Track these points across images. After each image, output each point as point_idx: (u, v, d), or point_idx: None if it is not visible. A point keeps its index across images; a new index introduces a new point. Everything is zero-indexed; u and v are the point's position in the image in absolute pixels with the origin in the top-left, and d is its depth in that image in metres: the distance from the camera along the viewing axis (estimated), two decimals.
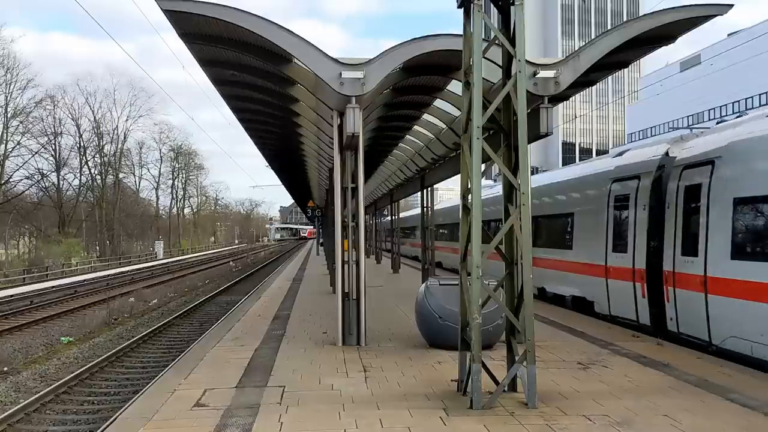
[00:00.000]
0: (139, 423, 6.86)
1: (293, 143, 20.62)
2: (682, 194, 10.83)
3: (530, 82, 9.71)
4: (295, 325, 13.46)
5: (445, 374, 8.62)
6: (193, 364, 9.75)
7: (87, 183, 69.11)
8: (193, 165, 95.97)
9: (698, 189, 10.34)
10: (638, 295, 11.88)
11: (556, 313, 14.37)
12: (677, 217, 10.88)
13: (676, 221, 10.89)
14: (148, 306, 25.13)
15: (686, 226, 10.67)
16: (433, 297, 10.48)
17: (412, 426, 6.57)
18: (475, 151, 7.32)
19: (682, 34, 10.35)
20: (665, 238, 11.18)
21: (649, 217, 11.71)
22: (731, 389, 7.74)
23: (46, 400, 10.79)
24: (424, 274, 21.81)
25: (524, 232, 7.34)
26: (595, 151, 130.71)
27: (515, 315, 7.54)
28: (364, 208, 11.92)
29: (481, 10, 7.46)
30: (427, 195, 23.46)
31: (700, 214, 10.23)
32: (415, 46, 10.16)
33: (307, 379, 8.66)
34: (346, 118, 10.42)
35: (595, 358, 9.73)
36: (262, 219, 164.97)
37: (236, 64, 11.71)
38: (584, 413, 6.91)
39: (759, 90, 66.29)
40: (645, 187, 11.94)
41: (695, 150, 10.97)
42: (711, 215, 9.93)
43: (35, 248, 58.50)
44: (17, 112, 56.02)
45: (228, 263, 55.30)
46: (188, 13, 9.17)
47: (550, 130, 10.39)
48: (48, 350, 16.06)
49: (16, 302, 26.03)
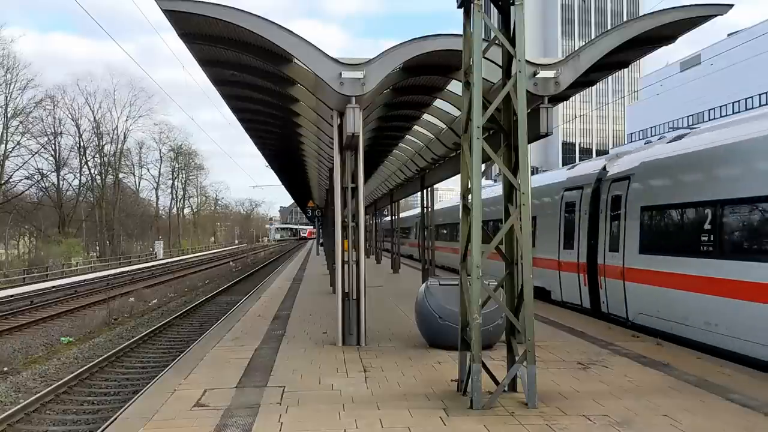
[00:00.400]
0: (139, 423, 6.85)
1: (293, 143, 20.62)
2: (609, 202, 13.41)
3: (530, 82, 9.70)
4: (295, 325, 13.46)
5: (445, 374, 8.62)
6: (193, 364, 9.75)
7: (87, 183, 69.19)
8: (193, 165, 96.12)
9: (620, 198, 12.95)
10: (581, 284, 14.39)
11: (556, 313, 14.38)
12: (606, 221, 13.47)
13: (606, 224, 13.48)
14: (148, 306, 25.13)
15: (612, 227, 13.22)
16: (433, 297, 10.48)
17: (412, 426, 6.57)
18: (475, 151, 7.32)
19: (682, 34, 10.34)
20: (599, 238, 13.69)
21: (589, 221, 14.20)
22: (731, 389, 7.74)
23: (46, 400, 10.79)
24: (424, 274, 21.81)
25: (524, 232, 7.34)
26: (595, 151, 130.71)
27: (515, 315, 7.54)
28: (364, 208, 11.91)
29: (481, 10, 7.46)
30: (427, 195, 23.46)
31: (620, 218, 12.81)
32: (415, 46, 10.16)
33: (307, 379, 8.66)
34: (346, 118, 10.41)
35: (595, 358, 9.73)
36: (262, 219, 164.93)
37: (236, 64, 11.70)
38: (584, 413, 6.91)
39: (759, 90, 66.28)
40: (586, 196, 14.43)
41: (621, 167, 13.44)
42: (627, 219, 12.59)
43: (35, 248, 58.50)
44: (17, 112, 56.13)
45: (228, 263, 55.31)
46: (188, 13, 9.16)
47: (550, 130, 10.38)
48: (48, 350, 16.06)
49: (16, 302, 26.03)
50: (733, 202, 9.74)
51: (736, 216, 9.82)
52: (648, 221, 12.00)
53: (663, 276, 11.20)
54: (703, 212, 10.33)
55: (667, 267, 11.09)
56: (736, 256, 9.53)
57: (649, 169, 12.33)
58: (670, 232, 11.49)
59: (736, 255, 9.53)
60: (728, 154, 10.14)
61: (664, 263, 11.24)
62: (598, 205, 13.90)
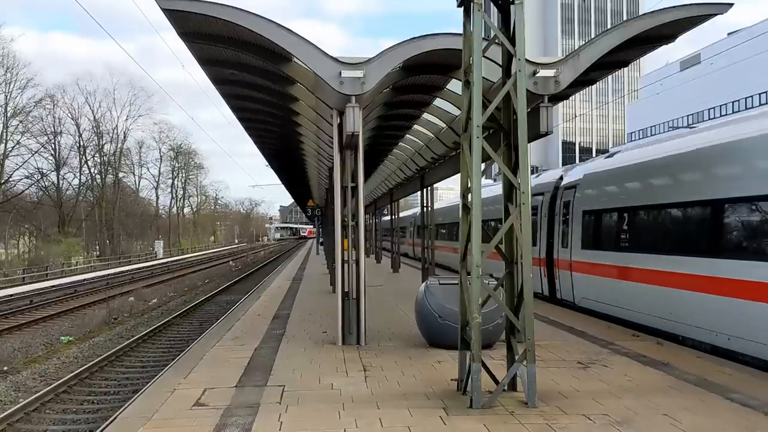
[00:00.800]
0: (138, 422, 6.84)
1: (293, 142, 20.60)
2: (562, 207, 15.88)
3: (530, 81, 9.69)
4: (295, 325, 13.45)
5: (445, 374, 8.62)
6: (193, 363, 9.75)
7: (87, 182, 69.18)
8: (193, 164, 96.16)
9: (569, 203, 15.40)
10: (542, 275, 16.89)
11: (556, 313, 14.39)
12: (560, 222, 15.95)
13: (559, 225, 15.97)
14: (147, 305, 25.13)
15: (563, 227, 15.69)
16: (433, 296, 10.47)
17: (411, 425, 6.56)
18: (475, 150, 7.31)
19: (682, 33, 10.32)
20: (554, 236, 16.22)
21: (547, 222, 16.73)
22: (731, 388, 7.73)
23: (46, 399, 10.78)
24: (423, 274, 21.81)
25: (524, 231, 7.33)
26: (595, 150, 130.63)
27: (515, 314, 7.54)
28: (363, 207, 11.90)
29: (481, 9, 7.45)
30: (426, 194, 23.45)
31: (569, 220, 15.31)
32: (414, 45, 10.14)
33: (307, 378, 8.65)
34: (345, 118, 10.40)
35: (595, 357, 9.72)
36: (261, 218, 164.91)
37: (236, 63, 11.68)
38: (584, 412, 6.90)
39: (759, 89, 66.24)
40: (546, 201, 17.01)
41: (571, 177, 15.95)
42: (573, 221, 15.08)
43: (35, 248, 58.49)
44: (17, 111, 56.12)
45: (228, 263, 55.30)
46: (187, 12, 9.14)
47: (550, 129, 10.37)
48: (48, 350, 16.06)
49: (16, 302, 26.03)
50: (638, 209, 12.39)
51: (640, 218, 12.45)
52: (587, 222, 14.49)
53: (597, 267, 13.71)
54: (619, 215, 13.03)
55: (598, 259, 13.69)
56: (640, 250, 12.06)
57: (588, 179, 14.94)
58: (600, 231, 13.95)
59: (640, 249, 12.13)
60: (635, 171, 12.96)
61: (596, 256, 13.84)
62: (554, 209, 16.39)
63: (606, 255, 13.39)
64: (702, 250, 10.31)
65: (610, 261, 13.17)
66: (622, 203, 13.08)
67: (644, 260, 11.85)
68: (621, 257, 12.76)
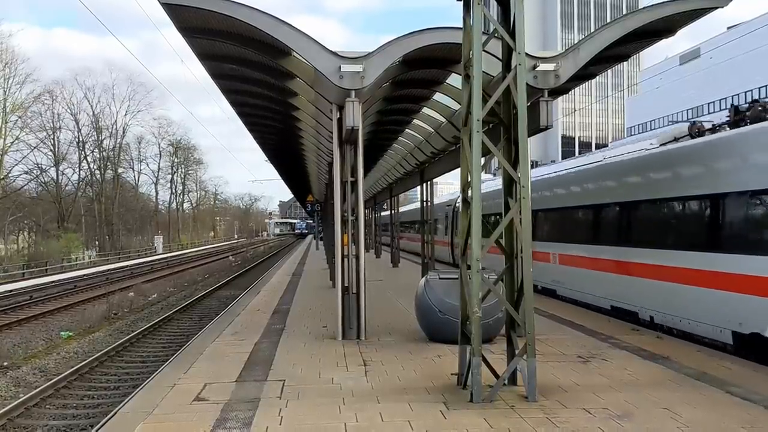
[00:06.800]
0: (139, 417, 6.85)
1: (292, 137, 20.56)
2: (452, 215, 27.10)
3: (530, 75, 9.68)
4: (295, 320, 13.46)
5: (445, 368, 8.62)
6: (193, 358, 9.75)
7: (86, 178, 69.25)
8: (193, 160, 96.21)
9: (456, 212, 24.27)
10: (449, 252, 27.36)
11: (557, 307, 14.39)
12: (454, 223, 26.73)
13: (455, 225, 25.87)
14: (147, 300, 25.14)
15: (455, 224, 24.76)
16: (433, 291, 10.48)
17: (412, 419, 6.57)
18: (474, 144, 7.30)
19: (682, 27, 10.30)
20: (448, 230, 28.00)
21: (452, 222, 27.26)
22: (731, 382, 7.74)
23: (46, 394, 10.79)
24: (423, 269, 21.82)
25: (524, 225, 7.32)
26: (595, 144, 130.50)
27: (515, 309, 7.54)
28: (363, 202, 11.89)
29: (480, 3, 7.42)
30: (426, 189, 23.44)
31: (455, 223, 24.82)
32: (414, 40, 10.11)
33: (307, 373, 8.66)
34: (345, 112, 10.38)
35: (595, 351, 9.74)
36: (261, 214, 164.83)
37: (235, 57, 11.65)
38: (584, 406, 6.91)
39: (758, 83, 66.13)
40: (449, 210, 28.06)
41: (458, 200, 22.07)
42: (453, 224, 26.00)
43: (34, 243, 58.49)
44: (16, 106, 56.02)
45: (227, 258, 55.31)
46: (186, 6, 9.12)
47: (549, 124, 10.36)
48: (48, 345, 16.06)
49: (15, 297, 26.02)
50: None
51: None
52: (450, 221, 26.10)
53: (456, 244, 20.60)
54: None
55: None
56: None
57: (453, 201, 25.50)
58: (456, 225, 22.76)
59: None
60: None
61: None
62: (453, 216, 26.74)
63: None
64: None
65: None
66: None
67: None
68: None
